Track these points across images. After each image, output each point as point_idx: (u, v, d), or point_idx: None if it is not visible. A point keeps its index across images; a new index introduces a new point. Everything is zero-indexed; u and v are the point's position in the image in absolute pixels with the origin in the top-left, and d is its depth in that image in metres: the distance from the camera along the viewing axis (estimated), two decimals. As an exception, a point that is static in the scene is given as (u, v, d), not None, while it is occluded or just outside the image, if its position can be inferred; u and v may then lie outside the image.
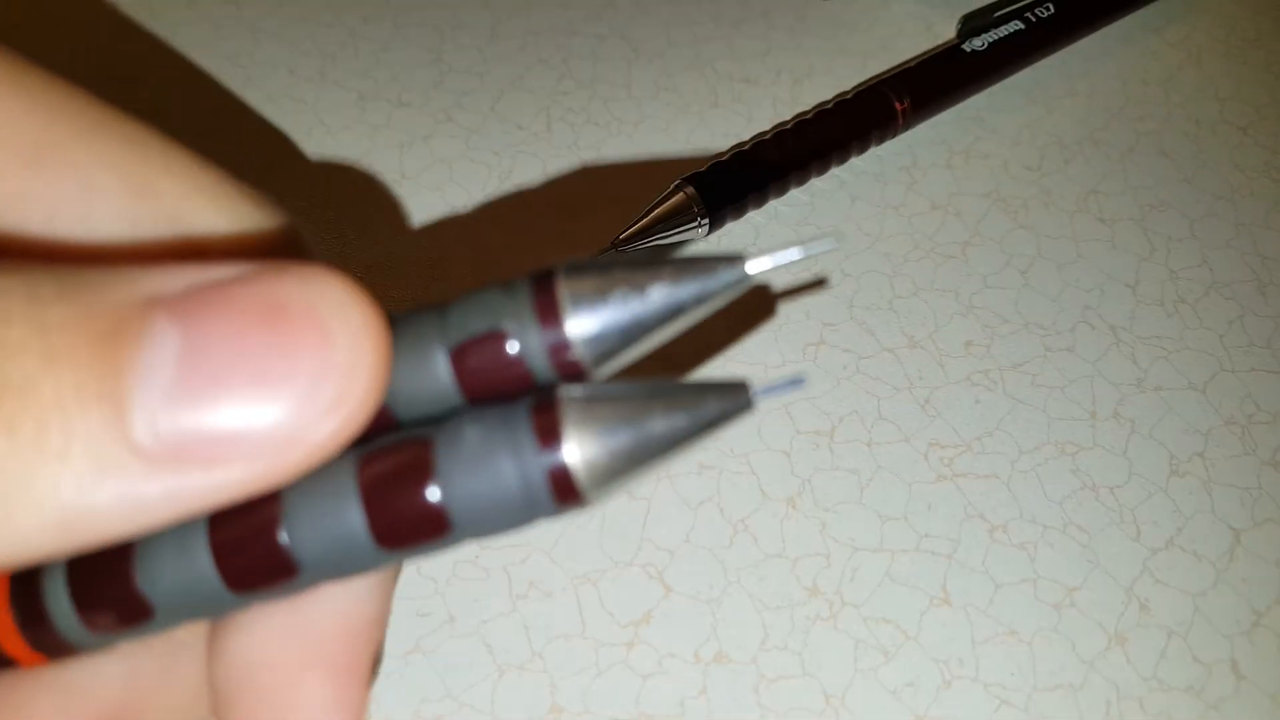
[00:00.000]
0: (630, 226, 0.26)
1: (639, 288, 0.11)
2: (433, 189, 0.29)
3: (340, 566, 0.11)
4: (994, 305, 0.27)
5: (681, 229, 0.26)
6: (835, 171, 0.29)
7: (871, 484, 0.23)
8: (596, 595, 0.22)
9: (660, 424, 0.11)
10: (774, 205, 0.28)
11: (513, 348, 0.11)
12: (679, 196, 0.26)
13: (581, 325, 0.11)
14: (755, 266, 0.11)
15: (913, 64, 0.30)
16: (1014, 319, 0.26)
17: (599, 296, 0.11)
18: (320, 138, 0.30)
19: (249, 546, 0.11)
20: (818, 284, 0.27)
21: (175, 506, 0.10)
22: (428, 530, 0.11)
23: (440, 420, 0.11)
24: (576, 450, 0.11)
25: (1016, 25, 0.31)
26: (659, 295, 0.11)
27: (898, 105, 0.29)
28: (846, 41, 0.33)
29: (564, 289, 0.11)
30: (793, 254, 0.11)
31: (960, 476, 0.23)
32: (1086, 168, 0.30)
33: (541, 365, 0.11)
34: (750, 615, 0.21)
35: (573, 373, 0.11)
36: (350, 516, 0.11)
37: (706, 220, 0.26)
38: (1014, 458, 0.24)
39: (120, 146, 0.13)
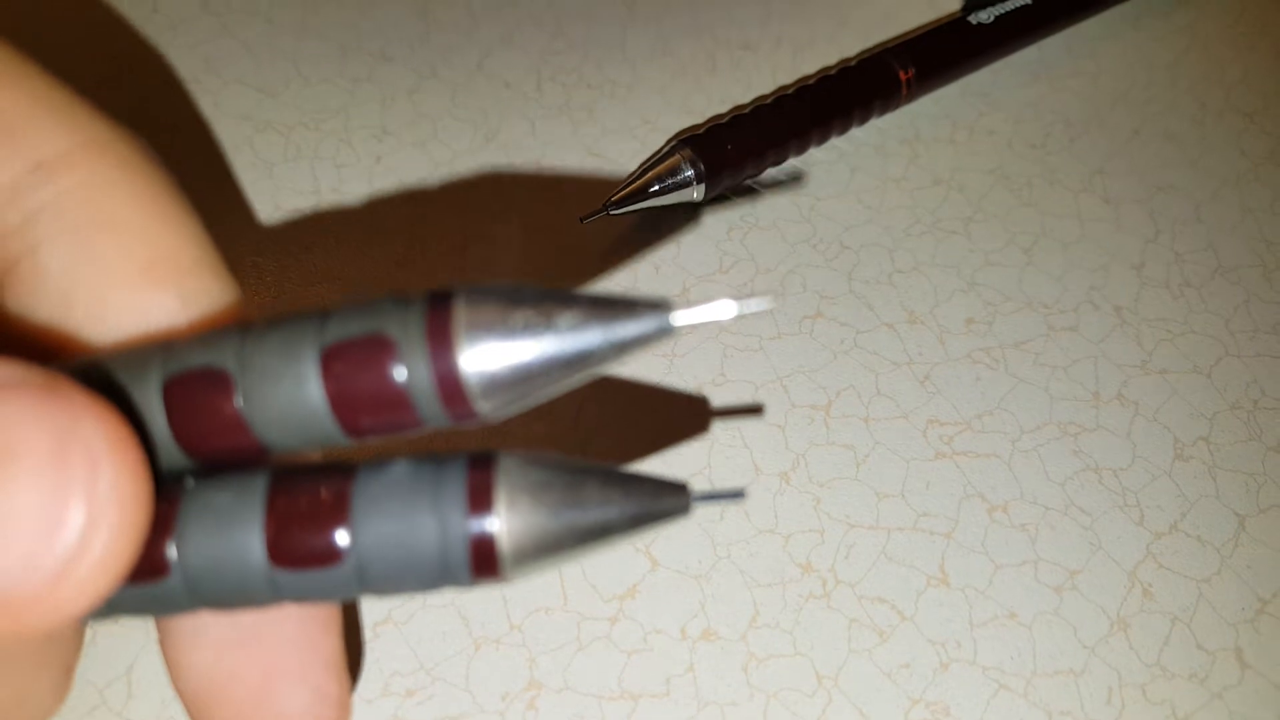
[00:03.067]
0: (624, 186, 0.25)
1: (546, 319, 0.10)
2: (415, 145, 0.27)
3: (228, 596, 0.10)
4: (996, 283, 0.26)
5: (676, 191, 0.25)
6: (836, 142, 0.28)
7: (868, 460, 0.22)
8: (580, 568, 0.21)
9: (593, 512, 0.10)
10: (772, 173, 0.27)
11: (398, 374, 0.10)
12: (674, 157, 0.25)
13: (477, 354, 0.10)
14: (682, 318, 0.10)
15: (918, 34, 0.29)
16: (1017, 297, 0.25)
17: (500, 324, 0.10)
18: (298, 90, 0.29)
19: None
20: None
21: None
22: (325, 567, 0.10)
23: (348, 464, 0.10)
24: (505, 521, 0.10)
25: (1023, 0, 0.30)
26: (567, 332, 0.10)
27: (902, 74, 0.28)
28: (850, 12, 0.32)
29: (461, 312, 0.10)
30: (725, 310, 0.10)
31: (960, 455, 0.23)
32: (1092, 148, 0.29)
33: (427, 395, 0.10)
34: (740, 592, 0.20)
35: (462, 410, 0.10)
36: (250, 545, 0.10)
37: (702, 184, 0.25)
38: (1015, 437, 0.23)
39: None
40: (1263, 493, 0.23)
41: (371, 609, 0.20)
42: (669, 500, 0.10)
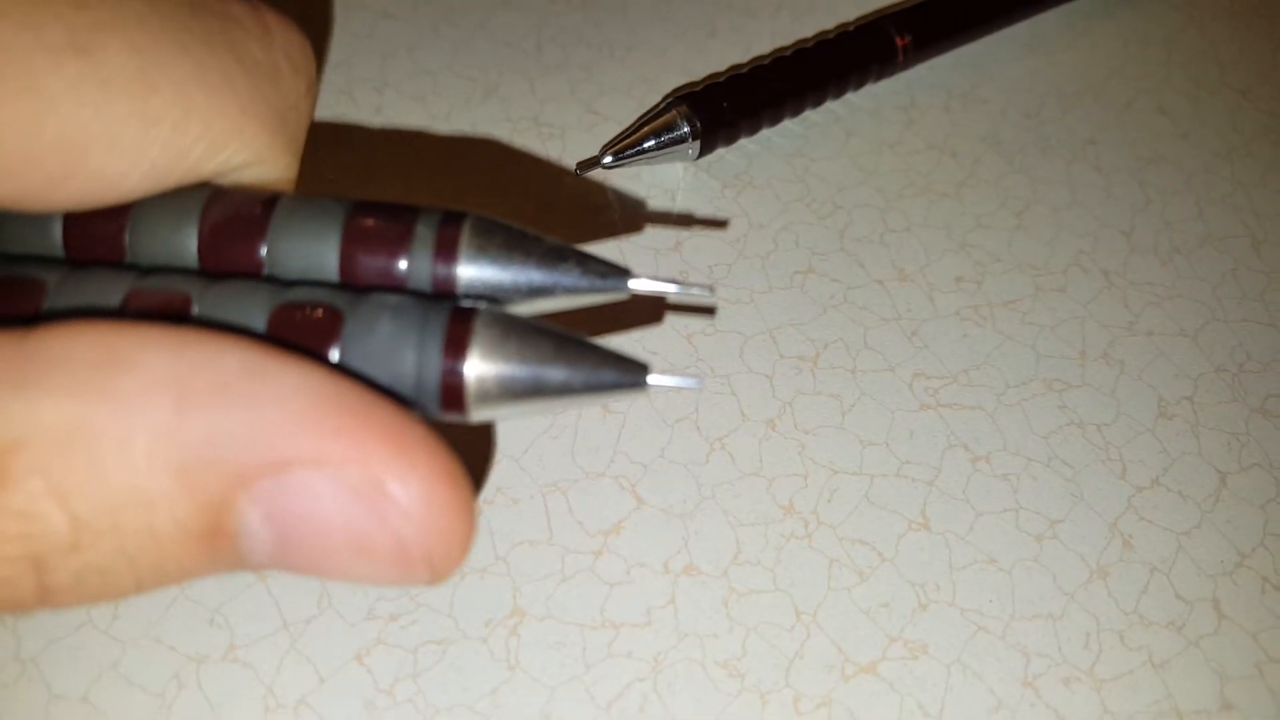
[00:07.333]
0: (620, 139, 0.25)
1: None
2: (414, 98, 0.28)
3: None
4: (987, 244, 0.26)
5: (671, 146, 0.25)
6: (832, 106, 0.29)
7: (854, 410, 0.23)
8: (566, 504, 0.21)
9: (557, 373, 0.11)
10: (767, 134, 0.28)
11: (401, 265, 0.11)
12: (671, 113, 0.25)
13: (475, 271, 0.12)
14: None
15: (916, 2, 0.29)
16: (1006, 258, 0.26)
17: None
18: (302, 43, 0.29)
19: None
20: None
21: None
22: None
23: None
24: (476, 367, 0.11)
25: (1021, -27, 0.30)
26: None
27: (899, 41, 0.28)
28: (848, -18, 0.32)
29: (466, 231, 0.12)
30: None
31: (945, 407, 0.23)
32: (1085, 119, 0.29)
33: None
34: (723, 530, 0.21)
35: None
36: None
37: (697, 141, 0.26)
38: (1000, 391, 0.23)
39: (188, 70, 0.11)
40: (1245, 452, 0.23)
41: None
42: (626, 375, 0.11)
